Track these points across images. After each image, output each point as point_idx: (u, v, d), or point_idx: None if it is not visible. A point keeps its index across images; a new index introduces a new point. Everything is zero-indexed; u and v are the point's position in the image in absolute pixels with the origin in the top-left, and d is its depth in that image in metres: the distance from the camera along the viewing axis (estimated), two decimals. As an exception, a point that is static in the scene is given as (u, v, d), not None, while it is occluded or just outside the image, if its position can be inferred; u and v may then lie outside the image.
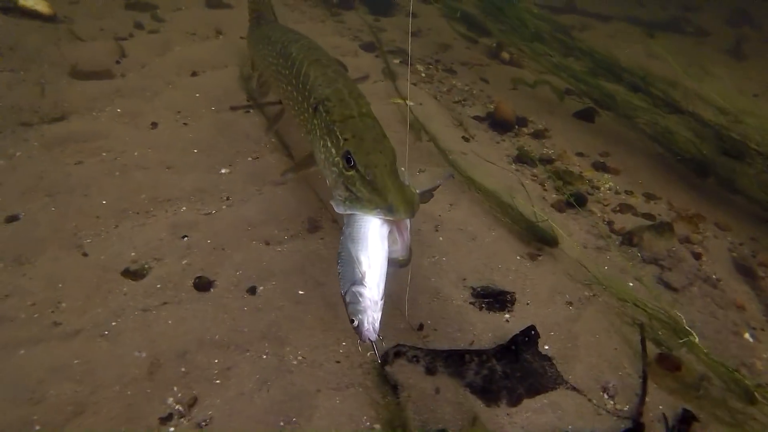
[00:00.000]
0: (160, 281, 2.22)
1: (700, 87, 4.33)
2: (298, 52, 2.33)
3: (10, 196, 2.48)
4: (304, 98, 2.13)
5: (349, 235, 1.58)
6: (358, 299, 1.49)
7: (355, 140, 1.74)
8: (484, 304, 2.39)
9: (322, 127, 1.91)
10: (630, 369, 2.13)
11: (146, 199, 2.65)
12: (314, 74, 2.12)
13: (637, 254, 2.93)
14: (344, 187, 1.68)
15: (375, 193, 1.58)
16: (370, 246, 1.54)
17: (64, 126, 2.99)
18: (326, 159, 1.84)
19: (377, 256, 1.54)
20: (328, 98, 1.96)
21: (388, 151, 1.74)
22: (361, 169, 1.65)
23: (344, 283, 1.54)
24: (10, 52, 3.31)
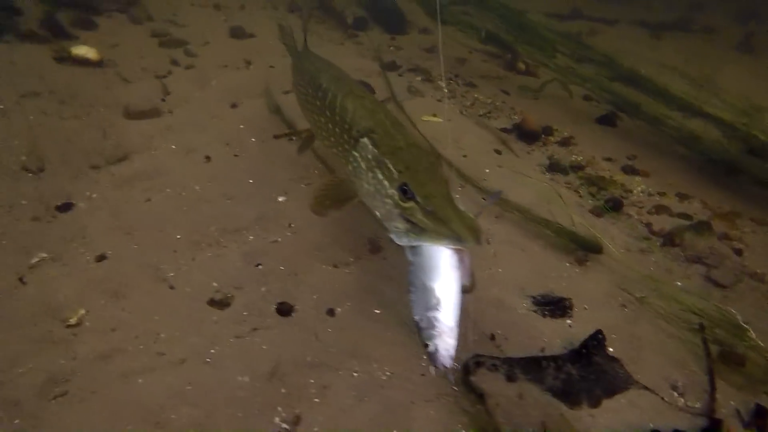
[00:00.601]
0: (246, 309, 2.37)
1: (716, 87, 4.49)
2: (329, 83, 2.38)
3: (95, 236, 2.65)
4: (342, 130, 2.17)
5: (419, 266, 1.62)
6: (432, 325, 1.53)
7: (409, 172, 1.77)
8: (546, 311, 2.54)
9: (369, 160, 1.92)
10: (695, 367, 2.26)
11: (216, 230, 2.82)
12: (352, 106, 2.17)
13: (680, 254, 3.06)
14: (402, 219, 1.71)
15: (439, 224, 1.60)
16: (443, 275, 1.58)
17: (128, 166, 3.17)
18: (377, 191, 1.84)
19: (450, 285, 1.58)
20: (373, 130, 2.00)
21: (442, 180, 1.79)
22: (421, 200, 1.67)
23: (417, 309, 1.58)
24: (71, 99, 3.51)
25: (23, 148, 3.05)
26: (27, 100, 3.41)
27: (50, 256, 2.53)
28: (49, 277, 2.42)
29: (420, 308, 1.56)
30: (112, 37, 4.65)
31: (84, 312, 2.26)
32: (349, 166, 2.05)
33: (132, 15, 5.25)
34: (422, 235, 1.63)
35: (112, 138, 3.35)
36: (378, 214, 1.88)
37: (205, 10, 6.30)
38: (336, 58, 5.42)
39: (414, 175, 1.76)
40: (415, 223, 1.67)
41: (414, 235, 1.66)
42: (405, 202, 1.72)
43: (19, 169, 2.94)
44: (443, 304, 1.54)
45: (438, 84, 5.14)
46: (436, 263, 1.60)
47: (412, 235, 1.66)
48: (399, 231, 1.72)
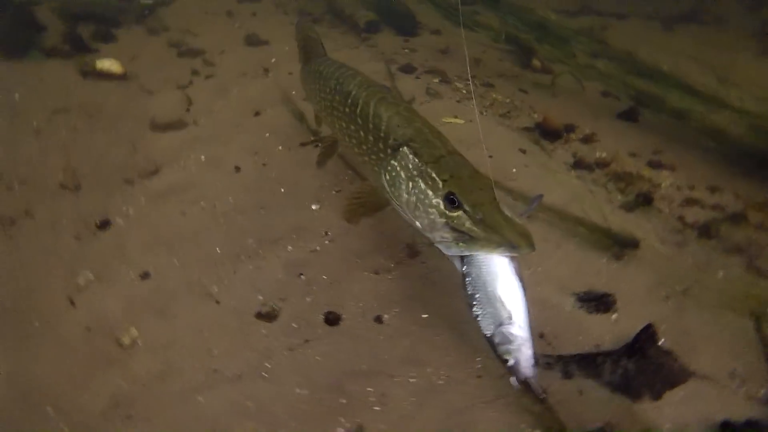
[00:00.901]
0: (294, 320, 2.38)
1: (737, 78, 4.47)
2: (359, 90, 2.31)
3: (136, 253, 2.67)
4: (377, 138, 2.10)
5: (478, 277, 1.59)
6: (509, 339, 1.51)
7: (454, 180, 1.73)
8: (591, 308, 2.53)
9: (409, 169, 1.87)
10: (750, 355, 2.25)
11: (254, 242, 2.83)
12: (387, 114, 2.10)
13: (717, 246, 3.05)
14: (449, 228, 1.68)
15: (491, 231, 1.58)
16: (508, 284, 1.57)
17: (160, 180, 3.19)
18: (418, 201, 1.80)
19: (516, 293, 1.57)
20: (413, 139, 1.94)
21: (488, 186, 1.75)
22: (469, 209, 1.64)
23: (488, 324, 1.56)
24: (100, 114, 3.53)
25: (59, 165, 3.07)
26: (58, 117, 3.44)
27: (95, 275, 2.54)
28: (97, 297, 2.44)
29: (490, 323, 1.54)
30: (131, 49, 4.69)
31: (136, 331, 2.27)
32: (386, 175, 1.99)
33: (149, 26, 5.28)
34: (473, 245, 1.61)
35: (141, 151, 3.37)
36: (419, 225, 1.84)
37: (218, 19, 6.34)
38: (351, 63, 5.44)
39: (459, 183, 1.74)
40: (463, 233, 1.64)
41: (464, 244, 1.63)
42: (452, 211, 1.69)
43: (57, 186, 2.96)
44: (514, 315, 1.52)
45: (456, 85, 5.14)
46: (496, 272, 1.57)
47: (462, 245, 1.63)
48: (446, 241, 1.69)
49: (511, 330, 1.51)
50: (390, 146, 2.02)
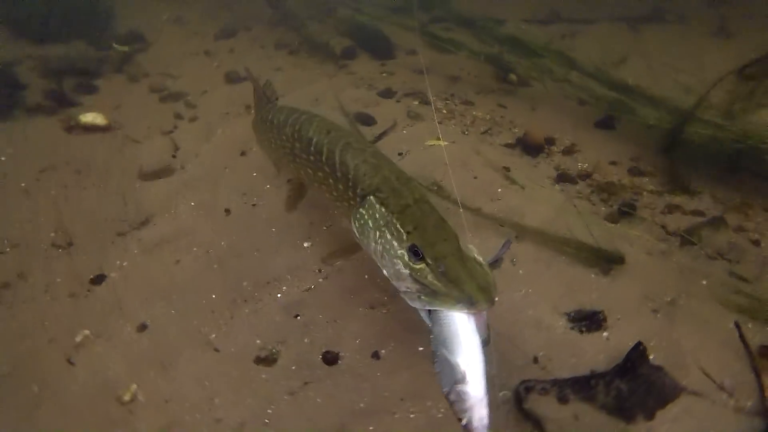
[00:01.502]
0: (293, 363, 2.42)
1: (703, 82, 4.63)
2: (320, 136, 2.31)
3: (132, 306, 2.70)
4: (346, 187, 2.12)
5: (439, 335, 1.60)
6: (462, 398, 1.51)
7: (418, 232, 1.74)
8: (582, 327, 2.59)
9: (376, 219, 1.90)
10: (738, 365, 2.31)
11: (249, 285, 2.87)
12: (354, 162, 2.10)
13: (700, 252, 3.14)
14: (412, 280, 1.69)
15: (451, 286, 1.59)
16: (463, 341, 1.57)
17: (152, 229, 3.23)
18: (384, 251, 1.82)
19: (473, 350, 1.57)
20: (379, 189, 1.96)
21: (452, 237, 1.76)
22: (431, 261, 1.65)
23: (445, 382, 1.56)
24: (88, 168, 3.58)
25: (50, 224, 3.10)
26: (46, 175, 3.48)
27: (93, 333, 2.57)
28: (96, 354, 2.46)
29: (447, 381, 1.55)
30: (114, 98, 4.75)
31: (136, 387, 2.30)
32: (356, 223, 2.01)
33: (129, 73, 5.35)
34: (434, 298, 1.62)
35: (132, 203, 3.41)
36: (386, 273, 1.86)
37: (197, 58, 6.43)
38: (332, 91, 5.55)
39: (423, 234, 1.74)
40: (426, 285, 1.65)
41: (426, 297, 1.64)
42: (416, 263, 1.70)
43: (49, 246, 2.99)
44: (470, 375, 1.53)
45: (437, 106, 5.25)
46: (456, 330, 1.59)
47: (424, 298, 1.64)
48: (410, 292, 1.70)
49: (466, 390, 1.52)
50: (358, 195, 2.04)
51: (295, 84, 5.67)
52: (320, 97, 5.38)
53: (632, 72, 4.90)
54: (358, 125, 4.75)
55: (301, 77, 5.98)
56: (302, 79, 5.91)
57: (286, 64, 6.39)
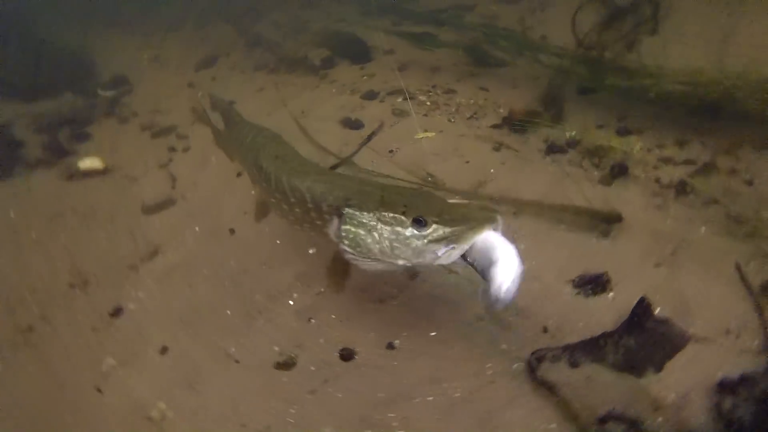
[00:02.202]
0: (311, 363, 2.50)
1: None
2: (268, 164, 2.40)
3: (152, 331, 2.81)
4: (306, 210, 2.20)
5: (477, 256, 1.79)
6: (494, 262, 1.72)
7: (408, 208, 1.88)
8: (589, 291, 2.64)
9: (364, 224, 1.95)
10: (742, 306, 2.34)
11: (261, 298, 2.96)
12: (305, 185, 2.18)
13: (695, 200, 3.16)
14: (434, 243, 1.81)
15: (463, 222, 1.78)
16: (500, 248, 1.76)
17: (162, 259, 3.35)
18: (393, 242, 1.89)
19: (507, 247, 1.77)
20: (347, 198, 2.04)
21: (433, 196, 1.96)
22: (437, 218, 1.82)
23: (483, 267, 1.77)
24: (92, 211, 3.71)
25: (64, 267, 3.23)
26: (54, 224, 3.62)
27: (117, 361, 2.68)
28: (122, 380, 2.57)
29: (481, 261, 1.76)
30: (107, 142, 4.91)
31: (164, 405, 2.40)
32: (345, 241, 2.04)
33: (119, 116, 5.51)
34: (460, 241, 1.78)
35: (140, 237, 3.53)
36: (404, 261, 1.93)
37: (181, 92, 6.58)
38: (317, 102, 5.65)
39: (414, 207, 1.89)
40: (446, 238, 1.80)
41: (457, 244, 1.79)
42: (425, 230, 1.84)
43: (66, 287, 3.12)
44: (502, 250, 1.74)
45: (420, 99, 5.33)
46: (492, 244, 1.77)
47: (456, 246, 1.79)
48: (440, 254, 1.83)
49: (499, 257, 1.72)
50: (326, 212, 2.11)
51: (277, 102, 5.79)
52: (306, 110, 5.48)
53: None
54: (348, 130, 4.84)
55: (283, 94, 6.10)
56: (285, 96, 6.03)
57: (267, 84, 6.52)
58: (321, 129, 4.82)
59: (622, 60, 4.33)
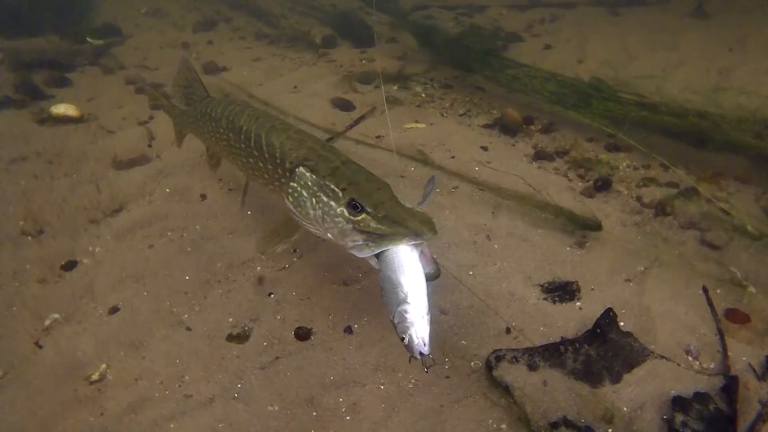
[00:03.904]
0: (265, 339, 2.41)
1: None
2: (249, 124, 2.37)
3: (104, 289, 2.67)
4: (275, 165, 2.18)
5: (385, 270, 1.70)
6: (404, 317, 1.61)
7: (352, 187, 1.83)
8: (556, 297, 2.60)
9: (309, 187, 1.96)
10: (704, 329, 2.33)
11: (222, 267, 2.85)
12: (278, 140, 2.18)
13: (673, 222, 3.16)
14: (357, 232, 1.77)
15: (395, 225, 1.69)
16: (407, 269, 1.67)
17: (126, 216, 3.20)
18: (324, 214, 1.88)
19: (416, 277, 1.67)
20: (307, 158, 2.04)
21: (385, 186, 1.88)
22: (371, 209, 1.74)
23: (391, 308, 1.66)
24: (59, 158, 3.53)
25: (19, 213, 3.06)
26: (16, 166, 3.43)
27: (62, 316, 2.55)
28: (65, 337, 2.44)
29: (393, 305, 1.64)
30: (87, 91, 4.69)
31: (105, 366, 2.28)
32: (289, 198, 2.05)
33: (104, 66, 5.28)
34: (382, 241, 1.70)
35: (105, 190, 3.38)
36: (330, 236, 1.91)
37: (174, 51, 6.37)
38: (311, 79, 5.52)
39: (358, 188, 1.83)
40: (371, 233, 1.74)
41: (373, 243, 1.72)
42: (356, 215, 1.77)
43: (18, 234, 2.95)
44: (411, 296, 1.62)
45: (415, 90, 5.24)
46: (399, 263, 1.68)
47: (372, 245, 1.73)
48: (357, 244, 1.78)
49: (407, 309, 1.60)
50: (287, 169, 2.09)
51: (271, 73, 5.64)
52: (299, 84, 5.35)
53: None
54: (337, 110, 4.73)
55: (278, 66, 5.95)
56: (279, 68, 5.88)
57: (265, 55, 6.35)
58: (310, 105, 4.70)
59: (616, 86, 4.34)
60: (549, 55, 5.87)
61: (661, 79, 4.80)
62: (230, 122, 2.49)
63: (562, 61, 5.48)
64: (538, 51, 5.99)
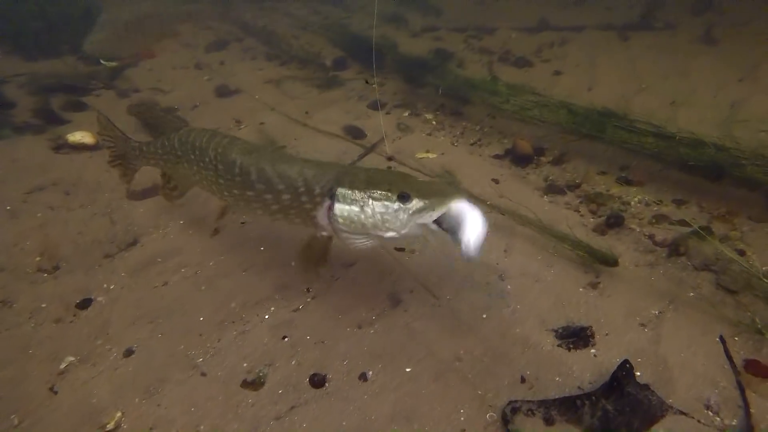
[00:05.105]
0: (280, 386, 2.41)
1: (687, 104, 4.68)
2: (244, 158, 2.47)
3: (119, 330, 2.68)
4: (297, 195, 2.36)
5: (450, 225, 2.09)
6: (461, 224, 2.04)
7: (392, 185, 2.19)
8: (570, 344, 2.59)
9: (356, 201, 2.22)
10: (724, 381, 2.31)
11: (237, 306, 2.86)
12: (294, 170, 2.36)
13: (687, 263, 3.15)
14: (416, 214, 2.13)
15: (437, 195, 2.12)
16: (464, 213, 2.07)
17: (141, 250, 3.22)
18: (383, 215, 2.19)
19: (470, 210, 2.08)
20: (338, 179, 2.28)
21: (407, 176, 2.31)
22: (416, 194, 2.14)
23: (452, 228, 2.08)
24: (75, 189, 3.56)
25: (36, 248, 3.09)
26: (33, 197, 3.46)
27: (78, 359, 2.55)
28: (80, 381, 2.44)
29: (453, 225, 2.07)
30: (103, 116, 4.73)
31: (120, 414, 2.28)
32: (339, 219, 2.26)
33: (118, 89, 5.35)
34: (433, 210, 2.11)
35: (120, 223, 3.40)
36: (393, 233, 2.21)
37: (187, 72, 6.45)
38: (322, 104, 5.56)
39: (397, 184, 2.20)
40: (423, 208, 2.13)
41: (429, 213, 2.12)
42: (408, 203, 2.15)
43: (34, 270, 2.98)
44: (470, 215, 2.05)
45: (426, 117, 5.27)
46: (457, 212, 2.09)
47: (426, 216, 2.12)
48: (423, 220, 2.13)
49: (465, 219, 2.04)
50: (318, 195, 2.31)
51: (282, 98, 5.68)
52: (310, 110, 5.39)
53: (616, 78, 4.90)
54: (348, 139, 4.76)
55: (292, 89, 6.00)
56: (290, 91, 5.93)
57: (275, 76, 6.41)
58: (323, 132, 4.73)
59: (631, 116, 4.33)
60: (559, 81, 5.89)
61: (674, 109, 4.81)
62: (220, 154, 2.56)
63: (571, 88, 5.50)
64: (548, 77, 6.01)
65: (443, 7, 9.33)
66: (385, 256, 3.18)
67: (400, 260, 3.14)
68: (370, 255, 3.18)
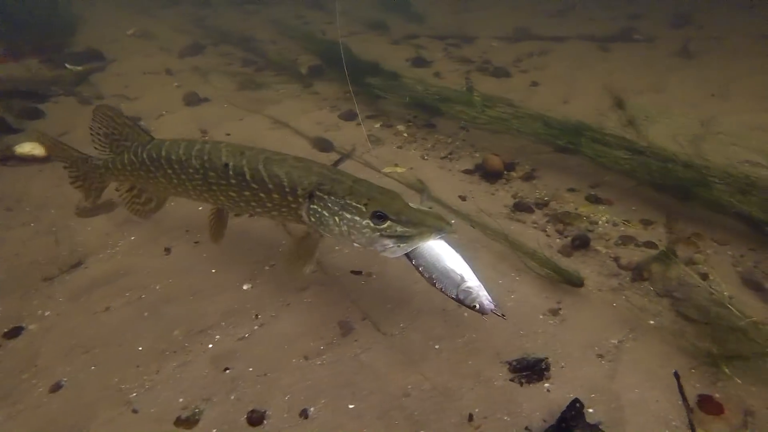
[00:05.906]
0: (215, 424, 2.27)
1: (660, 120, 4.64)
2: (236, 159, 2.47)
3: (50, 362, 2.53)
4: (284, 194, 2.39)
5: (428, 262, 2.09)
6: (469, 291, 2.05)
7: (372, 201, 2.17)
8: (523, 378, 2.49)
9: (329, 207, 2.25)
10: (677, 420, 2.23)
11: (180, 335, 2.72)
12: (282, 171, 2.39)
13: (650, 289, 3.07)
14: (386, 237, 2.12)
15: (419, 226, 2.08)
16: (449, 256, 2.09)
17: (84, 273, 3.07)
18: (351, 227, 2.20)
19: (458, 259, 2.10)
20: (321, 183, 2.30)
21: (397, 196, 2.25)
22: (394, 217, 2.11)
23: (451, 289, 2.07)
24: (18, 205, 3.40)
25: (-32, 270, 2.93)
26: (-30, 214, 3.29)
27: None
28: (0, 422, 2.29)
29: (452, 287, 2.07)
30: (60, 125, 4.56)
31: (41, 458, 2.14)
32: (311, 218, 2.34)
33: (80, 96, 5.17)
34: (411, 240, 2.08)
35: (65, 243, 3.25)
36: (358, 245, 2.24)
37: (157, 78, 6.27)
38: (295, 112, 5.43)
39: (377, 201, 2.17)
40: (399, 236, 2.10)
41: (404, 244, 2.10)
42: (381, 224, 2.12)
43: (-36, 295, 2.81)
44: (465, 275, 2.06)
45: (398, 129, 5.16)
46: (438, 252, 2.09)
47: (402, 245, 2.10)
48: (389, 248, 2.13)
49: (468, 285, 2.05)
50: (300, 195, 2.34)
51: (258, 104, 5.55)
52: (281, 119, 5.26)
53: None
54: (316, 151, 4.64)
55: (264, 98, 5.86)
56: (263, 98, 5.79)
57: (249, 84, 6.26)
58: (291, 144, 4.61)
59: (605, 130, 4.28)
60: (536, 92, 5.82)
61: (648, 124, 4.75)
62: (207, 161, 2.53)
63: (547, 102, 5.44)
64: (525, 88, 5.95)
65: (427, 15, 9.25)
66: (341, 279, 3.07)
67: (356, 285, 3.03)
68: (324, 279, 3.06)
